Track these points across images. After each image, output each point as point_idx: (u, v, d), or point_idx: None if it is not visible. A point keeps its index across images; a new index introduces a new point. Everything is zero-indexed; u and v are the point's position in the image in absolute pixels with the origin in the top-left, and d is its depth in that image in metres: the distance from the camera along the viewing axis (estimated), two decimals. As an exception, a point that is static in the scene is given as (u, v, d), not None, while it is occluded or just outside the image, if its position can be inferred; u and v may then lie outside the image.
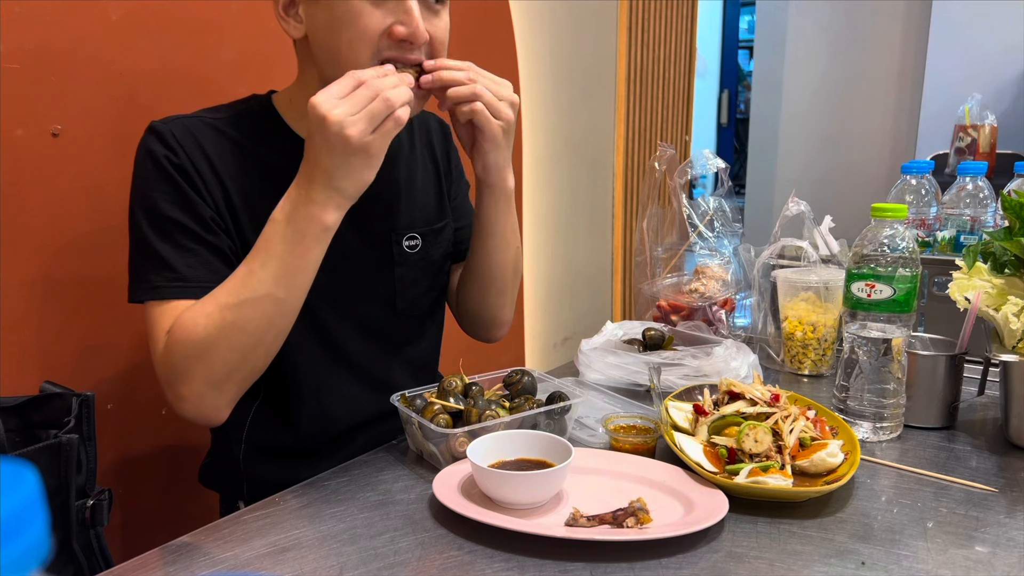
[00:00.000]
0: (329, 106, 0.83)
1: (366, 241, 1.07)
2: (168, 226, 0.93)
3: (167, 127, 0.94)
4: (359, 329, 1.08)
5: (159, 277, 0.92)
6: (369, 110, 0.84)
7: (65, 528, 0.86)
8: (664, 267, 1.50)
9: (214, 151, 0.96)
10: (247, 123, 1.00)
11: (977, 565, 0.73)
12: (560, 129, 2.40)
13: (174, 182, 0.93)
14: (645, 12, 2.74)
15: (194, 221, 0.93)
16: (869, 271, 1.04)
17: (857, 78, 3.73)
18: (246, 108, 1.02)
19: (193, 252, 0.93)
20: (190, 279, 0.92)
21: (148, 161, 0.94)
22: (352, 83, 0.85)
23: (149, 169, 0.94)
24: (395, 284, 1.10)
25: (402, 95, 0.86)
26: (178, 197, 0.93)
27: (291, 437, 1.07)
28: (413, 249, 1.11)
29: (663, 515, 0.79)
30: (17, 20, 1.01)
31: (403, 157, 1.12)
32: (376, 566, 0.72)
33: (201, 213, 0.94)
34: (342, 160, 0.85)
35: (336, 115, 0.83)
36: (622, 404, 1.11)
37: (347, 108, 0.83)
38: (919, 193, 1.57)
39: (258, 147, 0.99)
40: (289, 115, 1.02)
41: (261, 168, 0.99)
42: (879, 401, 1.02)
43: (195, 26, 1.22)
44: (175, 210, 0.92)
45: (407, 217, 1.11)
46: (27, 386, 0.97)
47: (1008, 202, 1.05)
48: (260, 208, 0.97)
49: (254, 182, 0.98)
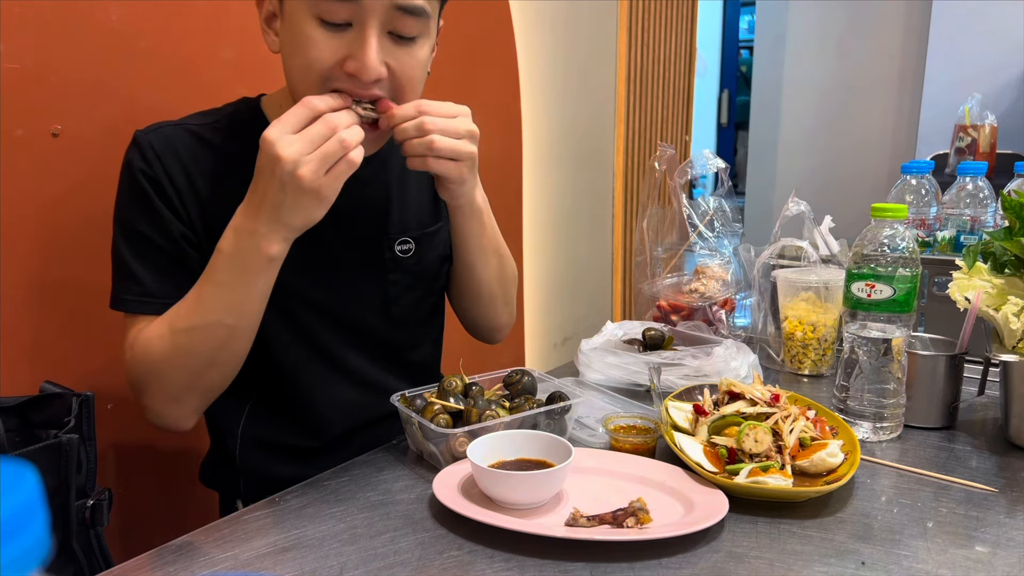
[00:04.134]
0: (283, 144, 0.81)
1: (356, 247, 1.05)
2: (138, 240, 0.94)
3: (147, 138, 0.95)
4: (354, 338, 1.07)
5: (126, 290, 0.94)
6: (323, 151, 0.82)
7: (65, 528, 0.86)
8: (664, 267, 1.50)
9: (194, 160, 0.96)
10: (233, 128, 1.00)
11: (977, 565, 0.73)
12: (560, 129, 2.40)
13: (146, 197, 0.93)
14: (645, 12, 2.74)
15: (163, 237, 0.94)
16: (869, 271, 1.04)
17: (857, 78, 3.73)
18: (233, 113, 1.02)
19: (160, 268, 0.94)
20: (155, 294, 0.94)
21: (126, 173, 0.95)
22: (306, 114, 0.83)
23: (126, 181, 0.95)
24: (388, 291, 1.08)
25: (355, 135, 0.84)
26: (149, 212, 0.93)
27: (286, 437, 1.06)
28: (406, 254, 1.09)
29: (663, 515, 0.79)
30: (17, 20, 1.01)
31: (395, 159, 1.08)
32: (376, 566, 0.72)
33: (170, 229, 0.94)
34: (293, 199, 0.83)
35: (289, 154, 0.81)
36: (622, 404, 1.11)
37: (300, 147, 0.81)
38: (919, 193, 1.57)
39: (243, 153, 0.96)
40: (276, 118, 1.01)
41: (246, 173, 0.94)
42: (879, 401, 1.02)
43: (195, 26, 1.22)
44: (146, 225, 0.94)
45: (399, 221, 1.08)
46: (27, 386, 0.97)
47: (1008, 202, 1.05)
48: None
49: (236, 188, 0.94)
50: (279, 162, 0.81)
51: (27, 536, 0.26)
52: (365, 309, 1.07)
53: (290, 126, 0.83)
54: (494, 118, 2.03)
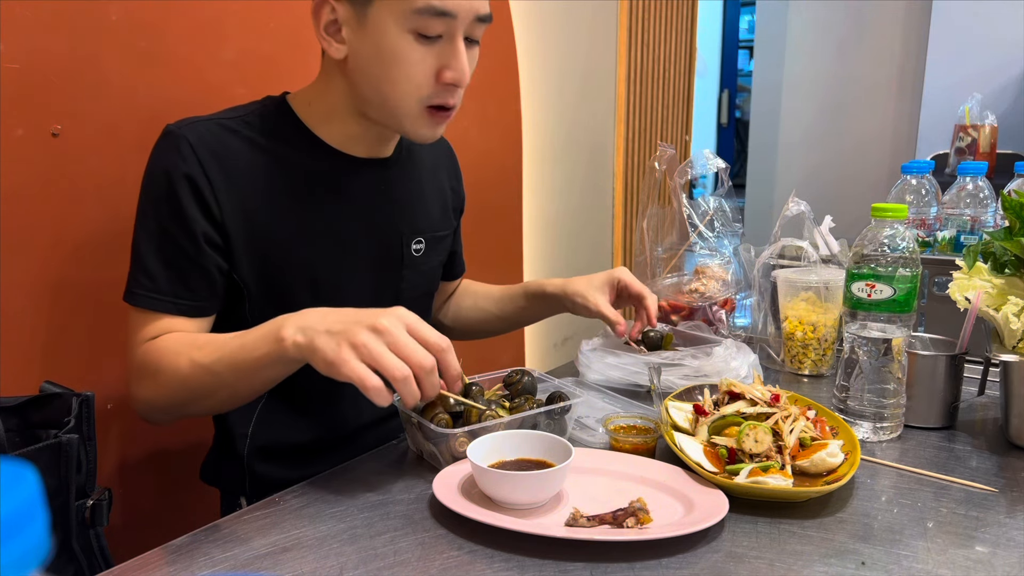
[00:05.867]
0: (386, 322, 0.80)
1: (377, 244, 1.09)
2: (157, 235, 0.94)
3: (181, 132, 0.94)
4: None
5: (138, 284, 0.95)
6: (383, 360, 0.79)
7: (65, 528, 0.86)
8: (664, 267, 1.50)
9: (230, 154, 0.96)
10: (266, 123, 1.01)
11: (977, 565, 0.73)
12: (560, 129, 2.40)
13: (173, 192, 0.93)
14: (645, 12, 2.74)
15: (184, 235, 0.94)
16: (869, 271, 1.04)
17: (857, 78, 3.73)
18: (262, 108, 1.03)
19: (174, 266, 0.95)
20: (164, 292, 0.94)
21: (155, 167, 0.95)
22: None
23: (154, 175, 0.95)
24: (401, 285, 1.12)
25: (416, 393, 0.81)
26: (174, 208, 0.93)
27: (298, 436, 1.07)
28: (419, 253, 1.14)
29: (663, 515, 0.79)
30: (17, 20, 1.01)
31: (417, 164, 1.15)
32: (376, 566, 0.72)
33: (193, 228, 0.94)
34: (340, 327, 0.81)
35: (360, 339, 0.78)
36: (622, 404, 1.11)
37: (366, 353, 0.79)
38: (919, 193, 1.57)
39: (278, 146, 1.00)
40: (307, 116, 1.02)
41: (281, 167, 1.00)
42: (879, 401, 1.02)
43: (195, 26, 1.22)
44: (168, 220, 0.94)
45: (416, 222, 1.13)
46: (27, 386, 0.97)
47: (1008, 202, 1.05)
48: (282, 207, 0.99)
49: (275, 180, 0.99)
50: (376, 317, 0.80)
51: (27, 536, 0.26)
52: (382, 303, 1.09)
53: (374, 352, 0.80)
54: (494, 118, 2.03)
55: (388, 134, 1.06)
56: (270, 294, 1.01)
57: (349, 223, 1.05)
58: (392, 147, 1.10)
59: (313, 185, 1.02)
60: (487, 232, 2.01)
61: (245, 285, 0.99)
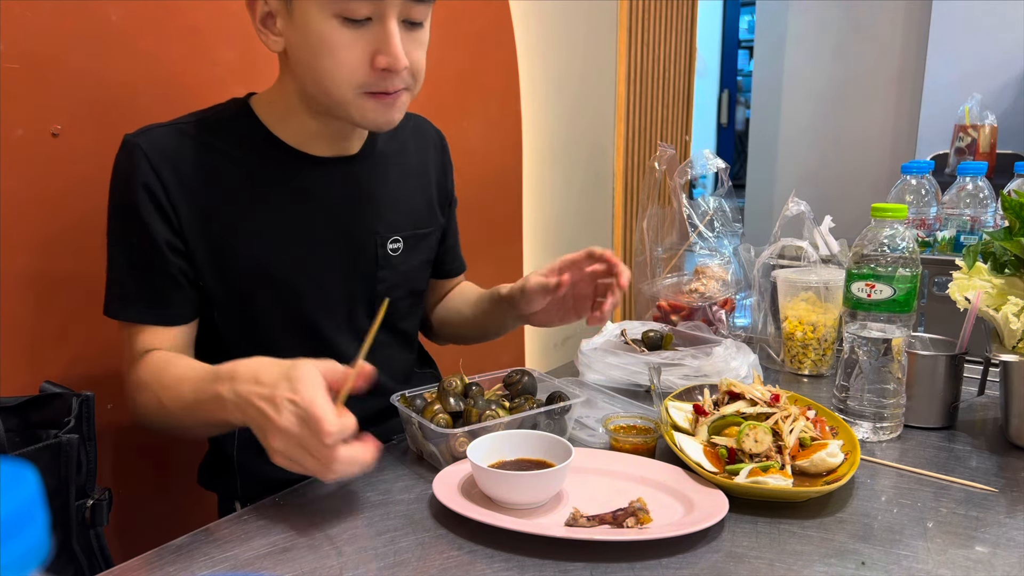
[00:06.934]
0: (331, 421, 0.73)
1: (348, 243, 1.06)
2: (126, 248, 0.95)
3: (136, 140, 0.94)
4: (348, 335, 1.07)
5: (113, 296, 0.96)
6: (301, 459, 0.75)
7: (65, 528, 0.86)
8: (664, 267, 1.50)
9: (185, 160, 0.96)
10: (223, 125, 1.00)
11: (977, 565, 0.73)
12: (560, 129, 2.40)
13: (133, 203, 0.93)
14: (645, 12, 2.74)
15: (149, 245, 0.94)
16: (869, 271, 1.04)
17: (857, 78, 3.73)
18: (223, 111, 1.02)
19: (145, 276, 0.95)
20: (133, 298, 0.96)
21: (115, 178, 0.96)
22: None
23: (114, 187, 0.96)
24: (377, 287, 1.09)
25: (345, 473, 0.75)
26: (136, 219, 0.94)
27: None
28: (396, 252, 1.10)
29: (663, 515, 0.79)
30: (17, 20, 1.01)
31: (392, 160, 1.11)
32: (376, 566, 0.72)
33: (155, 237, 0.94)
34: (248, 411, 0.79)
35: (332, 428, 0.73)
36: (622, 404, 1.11)
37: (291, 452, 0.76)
38: (919, 193, 1.57)
39: (235, 150, 0.99)
40: (268, 117, 1.01)
41: (239, 170, 0.98)
42: (879, 401, 1.02)
43: (195, 26, 1.22)
44: (133, 232, 0.94)
45: (392, 221, 1.10)
46: (27, 386, 0.97)
47: (1008, 202, 1.05)
48: (241, 211, 0.98)
49: (230, 183, 0.98)
50: (319, 423, 0.73)
51: (27, 536, 0.26)
52: (356, 305, 1.08)
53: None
54: (494, 118, 2.03)
55: (349, 129, 1.02)
56: (234, 299, 1.00)
57: (313, 225, 1.01)
58: (358, 144, 1.06)
59: (270, 186, 1.00)
60: (487, 232, 2.01)
61: (210, 291, 0.99)
